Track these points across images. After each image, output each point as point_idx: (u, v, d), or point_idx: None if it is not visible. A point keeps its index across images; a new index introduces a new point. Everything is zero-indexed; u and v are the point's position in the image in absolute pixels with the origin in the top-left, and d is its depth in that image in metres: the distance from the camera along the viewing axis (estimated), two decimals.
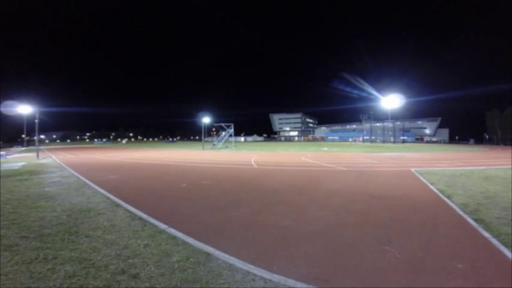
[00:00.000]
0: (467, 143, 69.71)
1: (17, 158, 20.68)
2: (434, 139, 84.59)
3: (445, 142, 77.79)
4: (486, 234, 3.86)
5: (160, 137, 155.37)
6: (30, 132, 62.37)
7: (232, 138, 44.10)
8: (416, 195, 6.48)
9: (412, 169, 11.35)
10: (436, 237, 3.82)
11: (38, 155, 20.75)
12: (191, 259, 3.07)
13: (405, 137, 66.90)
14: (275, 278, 2.69)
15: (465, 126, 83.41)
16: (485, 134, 72.42)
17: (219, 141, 39.49)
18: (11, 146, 52.99)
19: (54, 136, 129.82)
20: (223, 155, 22.47)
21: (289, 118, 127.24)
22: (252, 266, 2.93)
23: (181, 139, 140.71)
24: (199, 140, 49.55)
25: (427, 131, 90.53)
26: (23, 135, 59.37)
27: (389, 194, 6.62)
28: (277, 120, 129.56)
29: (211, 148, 35.46)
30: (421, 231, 4.06)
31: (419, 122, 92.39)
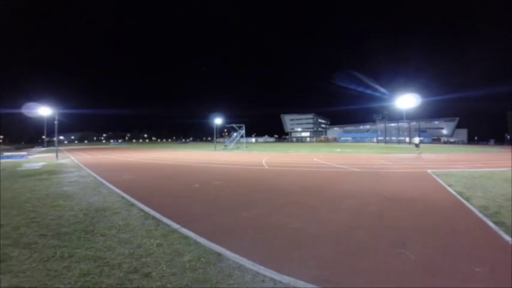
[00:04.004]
0: (487, 144, 67.13)
1: (38, 158, 21.49)
2: (452, 140, 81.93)
3: (463, 143, 75.20)
4: (507, 238, 3.69)
5: (174, 137, 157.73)
6: (50, 133, 64.68)
7: (244, 139, 44.22)
8: (433, 197, 6.28)
9: (429, 170, 11.02)
10: (453, 241, 3.69)
11: (57, 155, 21.50)
12: (202, 259, 3.10)
13: (421, 138, 65.10)
14: (285, 279, 2.67)
15: (485, 126, 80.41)
16: (506, 135, 69.51)
17: (230, 142, 39.72)
18: (32, 147, 55.12)
19: (73, 137, 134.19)
20: (234, 156, 22.57)
21: (301, 119, 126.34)
22: (262, 267, 2.92)
23: (194, 140, 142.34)
24: (212, 141, 49.99)
25: (444, 132, 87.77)
26: (43, 136, 61.64)
27: (404, 196, 6.45)
28: (289, 120, 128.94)
29: (223, 149, 35.69)
30: (437, 234, 3.94)
31: (436, 122, 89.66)
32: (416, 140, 23.58)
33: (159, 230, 4.13)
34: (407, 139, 63.37)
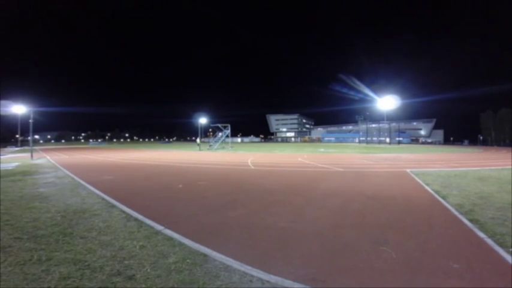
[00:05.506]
0: (461, 144, 70.57)
1: (11, 159, 20.40)
2: (429, 140, 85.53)
3: (439, 143, 78.66)
4: (481, 235, 3.89)
5: (157, 137, 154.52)
6: (24, 132, 61.62)
7: (229, 139, 44.02)
8: (412, 196, 6.52)
9: (408, 170, 11.42)
10: (432, 238, 3.85)
11: (32, 156, 20.52)
12: (188, 260, 3.05)
13: (400, 138, 67.49)
14: (272, 279, 2.68)
15: (460, 127, 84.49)
16: (479, 135, 73.39)
17: (215, 141, 39.46)
18: (5, 146, 52.29)
19: (49, 136, 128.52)
20: (219, 156, 22.41)
21: (286, 119, 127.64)
22: (249, 267, 2.91)
23: (178, 140, 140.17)
24: (196, 140, 49.46)
25: (422, 132, 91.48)
26: (17, 136, 58.66)
27: (385, 195, 6.65)
28: (274, 121, 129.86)
29: (208, 149, 35.34)
30: (417, 232, 4.09)
31: (415, 123, 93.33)
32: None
33: (142, 232, 4.03)
34: (387, 139, 65.40)
